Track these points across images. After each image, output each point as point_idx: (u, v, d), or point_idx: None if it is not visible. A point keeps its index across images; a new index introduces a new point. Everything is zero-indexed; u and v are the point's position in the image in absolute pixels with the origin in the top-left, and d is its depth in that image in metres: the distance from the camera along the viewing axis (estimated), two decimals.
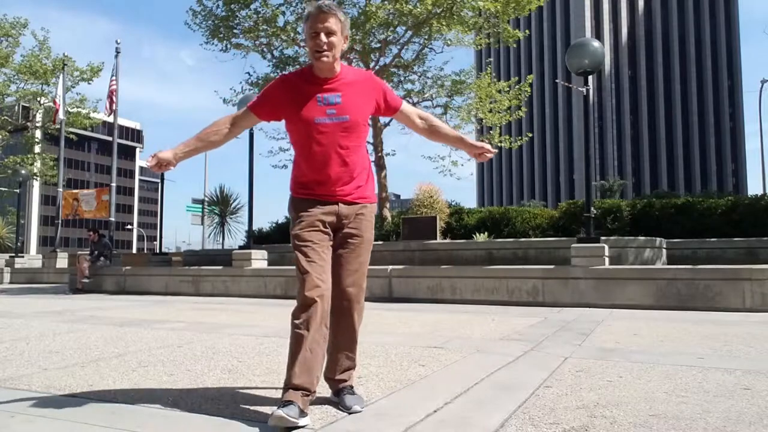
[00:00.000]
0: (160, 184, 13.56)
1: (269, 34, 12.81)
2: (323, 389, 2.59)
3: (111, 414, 2.23)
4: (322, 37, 2.19)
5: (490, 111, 14.07)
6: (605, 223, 10.65)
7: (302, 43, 12.96)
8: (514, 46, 14.52)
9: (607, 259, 7.10)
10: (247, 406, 2.32)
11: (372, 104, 2.36)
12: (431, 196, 11.13)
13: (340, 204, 2.29)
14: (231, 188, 21.69)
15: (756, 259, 8.64)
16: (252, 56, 14.90)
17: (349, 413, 2.17)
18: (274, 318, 5.83)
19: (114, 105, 15.49)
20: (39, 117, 22.31)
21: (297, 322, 2.13)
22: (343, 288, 2.28)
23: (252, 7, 12.77)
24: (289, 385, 2.06)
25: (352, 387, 2.35)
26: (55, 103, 17.33)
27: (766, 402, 2.32)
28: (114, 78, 15.52)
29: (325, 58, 2.20)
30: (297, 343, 2.10)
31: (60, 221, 16.45)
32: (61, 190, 16.61)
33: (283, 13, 12.97)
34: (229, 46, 13.53)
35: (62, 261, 15.61)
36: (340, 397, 2.29)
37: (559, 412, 2.21)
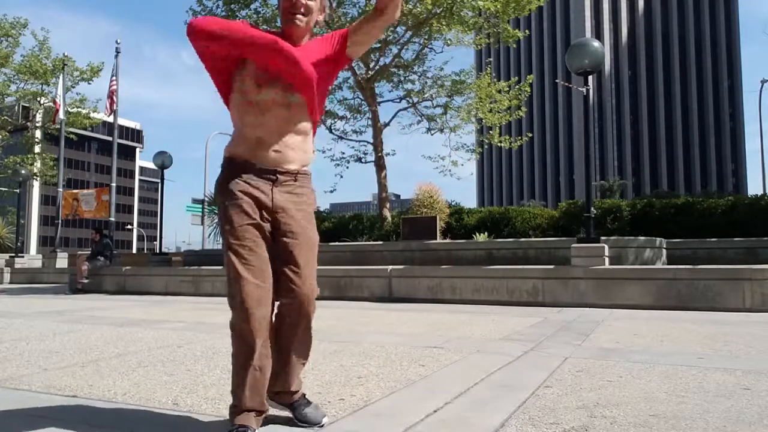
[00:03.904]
0: (160, 184, 13.53)
1: None
2: (323, 388, 2.59)
3: (111, 414, 2.23)
4: None
5: (490, 111, 14.06)
6: (605, 223, 10.65)
7: None
8: (514, 46, 14.50)
9: (607, 259, 7.10)
10: None
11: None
12: (431, 196, 11.13)
13: None
14: None
15: (756, 259, 8.64)
16: None
17: (320, 426, 2.03)
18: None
19: (114, 105, 15.50)
20: (39, 117, 22.29)
21: None
22: None
23: (252, 7, 12.77)
24: (240, 408, 1.90)
25: (304, 395, 2.14)
26: (55, 103, 17.32)
27: (766, 402, 2.32)
28: (114, 78, 15.53)
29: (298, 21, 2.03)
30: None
31: (60, 221, 16.45)
32: (61, 190, 16.61)
33: None
34: None
35: (62, 261, 15.60)
36: (298, 411, 2.07)
37: (559, 412, 2.21)
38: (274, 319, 2.03)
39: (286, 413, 2.21)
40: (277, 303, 2.03)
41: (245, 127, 2.00)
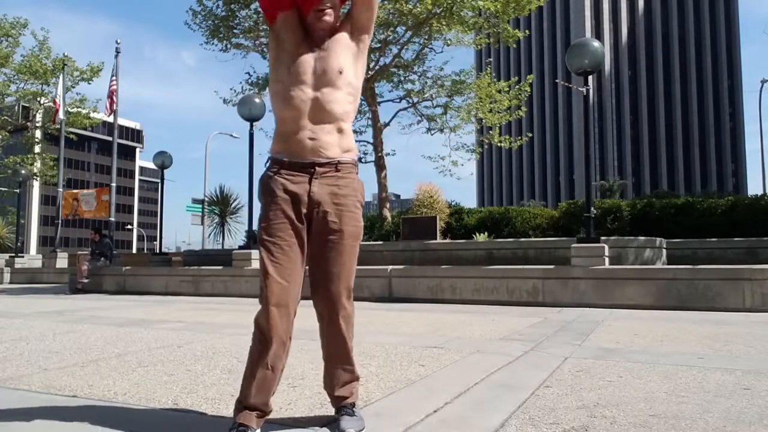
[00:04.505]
0: (160, 184, 13.53)
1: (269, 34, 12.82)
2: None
3: (111, 414, 2.23)
4: None
5: (490, 111, 14.06)
6: (605, 223, 10.66)
7: None
8: (514, 46, 14.51)
9: (607, 259, 7.10)
10: None
11: None
12: (431, 196, 11.13)
13: None
14: (231, 188, 21.68)
15: (756, 259, 8.64)
16: (252, 56, 14.95)
17: None
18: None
19: (114, 105, 15.50)
20: (39, 117, 22.29)
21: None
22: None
23: (252, 7, 12.76)
24: (244, 404, 1.89)
25: (353, 405, 2.05)
26: (55, 103, 17.32)
27: (766, 402, 2.32)
28: (114, 78, 15.53)
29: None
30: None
31: (60, 221, 16.45)
32: (61, 190, 16.61)
33: None
34: (229, 46, 13.53)
35: (62, 261, 15.60)
36: (337, 417, 2.02)
37: (559, 412, 2.21)
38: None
39: (287, 415, 2.21)
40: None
41: (280, 122, 2.04)
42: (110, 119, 16.07)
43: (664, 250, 9.10)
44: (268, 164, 2.07)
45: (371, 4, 2.13)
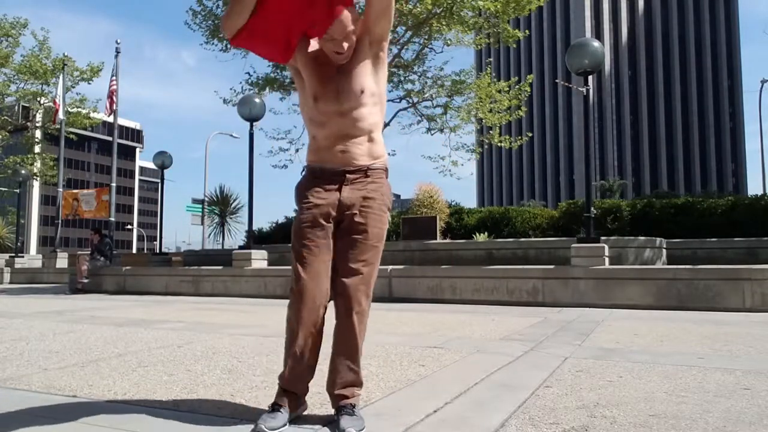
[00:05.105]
0: (160, 184, 13.52)
1: None
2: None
3: (111, 414, 2.23)
4: None
5: (490, 111, 14.04)
6: (605, 223, 10.66)
7: None
8: (514, 46, 14.48)
9: (607, 259, 7.10)
10: (247, 407, 2.32)
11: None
12: (431, 196, 11.13)
13: None
14: (231, 188, 21.68)
15: (756, 259, 8.64)
16: (252, 56, 14.91)
17: None
18: (275, 318, 5.83)
19: (114, 105, 15.50)
20: (39, 117, 22.27)
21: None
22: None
23: None
24: (280, 383, 2.10)
25: (353, 407, 2.04)
26: (55, 103, 17.31)
27: (766, 402, 2.32)
28: (114, 78, 15.53)
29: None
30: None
31: (60, 221, 16.44)
32: (61, 190, 16.60)
33: None
34: (229, 46, 13.52)
35: (62, 261, 15.60)
36: (337, 416, 2.02)
37: (559, 412, 2.21)
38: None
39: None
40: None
41: (312, 137, 2.19)
42: (110, 119, 16.06)
43: (664, 250, 9.10)
44: (303, 173, 2.23)
45: (385, 17, 2.12)
